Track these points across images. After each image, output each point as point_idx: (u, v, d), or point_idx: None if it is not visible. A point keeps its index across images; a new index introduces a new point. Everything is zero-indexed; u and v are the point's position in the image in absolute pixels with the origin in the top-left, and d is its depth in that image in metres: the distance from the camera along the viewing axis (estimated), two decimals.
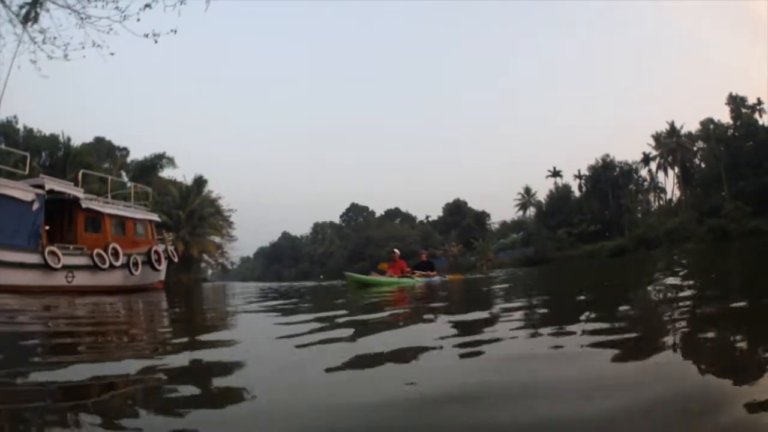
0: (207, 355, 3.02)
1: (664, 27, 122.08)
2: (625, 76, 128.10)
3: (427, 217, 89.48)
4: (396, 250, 14.73)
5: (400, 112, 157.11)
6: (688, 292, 5.64)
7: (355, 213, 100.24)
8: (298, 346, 3.11)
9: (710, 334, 2.97)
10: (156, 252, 16.95)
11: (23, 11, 13.40)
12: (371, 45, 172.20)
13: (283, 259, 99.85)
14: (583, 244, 55.15)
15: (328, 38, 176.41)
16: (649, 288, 6.62)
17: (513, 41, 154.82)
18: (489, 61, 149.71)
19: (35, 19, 13.91)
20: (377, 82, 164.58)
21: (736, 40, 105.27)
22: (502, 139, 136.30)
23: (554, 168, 69.04)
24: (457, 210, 77.80)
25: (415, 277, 13.36)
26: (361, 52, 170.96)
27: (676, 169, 60.65)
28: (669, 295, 5.54)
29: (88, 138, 46.73)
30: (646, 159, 62.94)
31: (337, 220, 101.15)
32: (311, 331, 3.71)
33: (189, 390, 2.12)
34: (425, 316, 5.07)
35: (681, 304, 4.66)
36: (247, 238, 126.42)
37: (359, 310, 5.95)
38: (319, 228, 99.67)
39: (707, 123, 57.43)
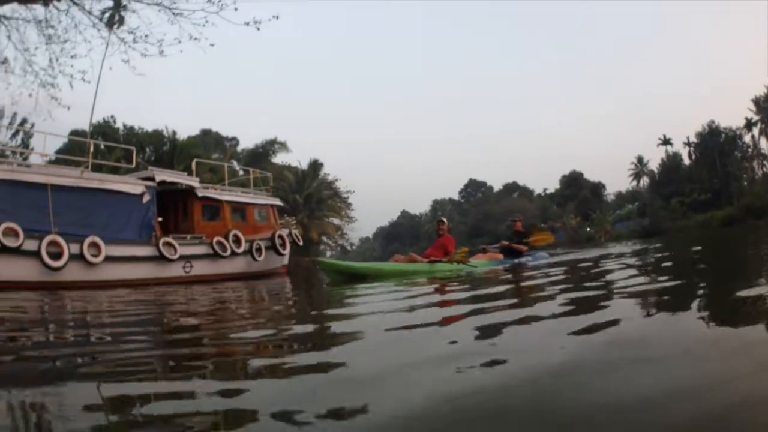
0: None
1: None
2: (726, 37, 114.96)
3: (545, 190, 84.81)
4: (443, 219, 9.44)
5: (517, 85, 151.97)
6: None
7: (474, 188, 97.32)
8: None
9: None
10: (280, 236, 16.33)
11: (106, 15, 12.79)
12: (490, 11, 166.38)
13: (402, 238, 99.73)
14: (695, 214, 52.72)
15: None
16: None
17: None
18: (599, 31, 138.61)
19: (120, 22, 13.43)
20: (492, 54, 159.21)
21: None
22: (615, 108, 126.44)
23: (664, 136, 64.94)
24: (573, 181, 73.48)
25: (468, 261, 8.67)
26: (478, 19, 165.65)
27: None
28: None
29: (194, 132, 45.46)
30: (749, 124, 58.40)
31: (456, 196, 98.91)
32: None
33: None
34: None
35: None
36: (367, 219, 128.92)
37: None
38: (438, 205, 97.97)
39: None
